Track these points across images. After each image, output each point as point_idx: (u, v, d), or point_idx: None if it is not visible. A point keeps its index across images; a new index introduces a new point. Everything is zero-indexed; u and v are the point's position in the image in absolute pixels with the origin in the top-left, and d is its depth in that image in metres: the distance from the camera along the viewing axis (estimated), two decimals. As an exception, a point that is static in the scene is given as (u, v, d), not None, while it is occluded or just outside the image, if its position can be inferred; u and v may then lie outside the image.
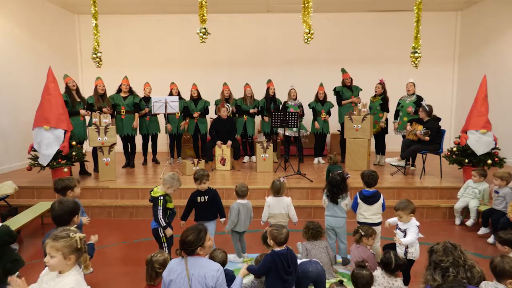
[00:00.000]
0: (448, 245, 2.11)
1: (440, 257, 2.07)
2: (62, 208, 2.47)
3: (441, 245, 2.12)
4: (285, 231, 2.53)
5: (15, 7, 7.06)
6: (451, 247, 2.08)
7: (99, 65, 5.81)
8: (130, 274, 3.45)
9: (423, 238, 4.38)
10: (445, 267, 2.03)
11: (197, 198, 3.54)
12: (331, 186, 3.56)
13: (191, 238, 2.13)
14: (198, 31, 5.24)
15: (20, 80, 7.15)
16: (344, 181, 3.57)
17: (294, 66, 9.06)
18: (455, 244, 2.12)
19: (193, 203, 3.57)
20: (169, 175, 3.32)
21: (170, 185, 3.26)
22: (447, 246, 2.10)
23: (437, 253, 2.10)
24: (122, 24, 9.10)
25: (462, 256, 2.02)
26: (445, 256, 2.05)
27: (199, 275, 2.08)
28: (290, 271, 2.47)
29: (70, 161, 5.49)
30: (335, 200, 3.53)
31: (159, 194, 3.26)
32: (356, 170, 6.21)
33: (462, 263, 2.00)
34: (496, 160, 5.34)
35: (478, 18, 8.38)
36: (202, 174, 3.53)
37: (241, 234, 3.74)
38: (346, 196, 3.59)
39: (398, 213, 3.08)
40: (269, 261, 2.46)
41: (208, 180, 3.58)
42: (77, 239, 1.86)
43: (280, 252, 2.48)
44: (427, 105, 5.98)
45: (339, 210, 3.55)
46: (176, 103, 6.38)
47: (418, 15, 5.22)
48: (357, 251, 3.09)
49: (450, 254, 2.05)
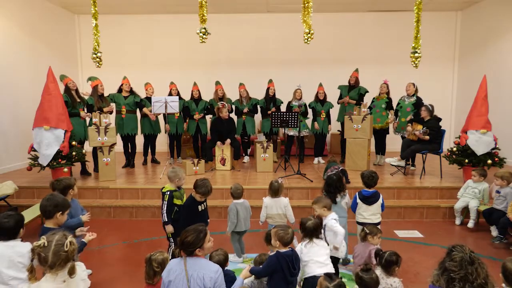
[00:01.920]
0: (467, 258, 1.97)
1: (453, 267, 1.97)
2: (50, 201, 2.58)
3: (460, 256, 1.98)
4: (290, 231, 2.52)
5: (15, 7, 7.06)
6: (468, 261, 1.96)
7: (99, 65, 5.81)
8: (130, 274, 3.45)
9: (423, 239, 4.41)
10: (453, 277, 1.96)
11: (198, 208, 3.40)
12: (328, 186, 3.55)
13: (190, 239, 2.12)
14: (198, 31, 5.24)
15: (20, 80, 7.15)
16: (340, 180, 3.55)
17: (294, 66, 9.06)
18: (474, 259, 1.97)
19: (193, 213, 3.40)
20: (169, 170, 3.52)
21: (175, 178, 3.44)
22: (464, 259, 1.97)
23: (453, 261, 1.99)
24: (122, 24, 9.10)
25: (475, 274, 1.92)
26: (458, 268, 1.96)
27: (197, 276, 2.07)
28: (295, 272, 2.46)
29: (70, 161, 5.49)
30: (334, 200, 3.50)
31: (167, 189, 3.44)
32: (356, 170, 6.22)
33: (471, 280, 1.92)
34: (496, 160, 5.34)
35: (478, 18, 8.39)
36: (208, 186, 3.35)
37: (241, 234, 3.73)
38: (345, 195, 3.57)
39: (313, 206, 3.14)
40: (274, 262, 2.44)
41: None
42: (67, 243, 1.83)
43: (286, 253, 2.46)
44: (430, 104, 5.98)
45: (339, 209, 3.51)
46: (176, 103, 6.38)
47: (418, 15, 5.23)
48: (359, 246, 3.09)
49: (464, 268, 1.94)
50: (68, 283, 1.83)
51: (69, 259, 1.83)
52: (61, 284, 1.81)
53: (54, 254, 1.78)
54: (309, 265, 2.64)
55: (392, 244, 4.13)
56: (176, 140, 7.46)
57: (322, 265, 2.62)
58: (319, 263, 2.62)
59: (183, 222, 3.36)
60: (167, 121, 6.82)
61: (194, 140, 7.59)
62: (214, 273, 2.11)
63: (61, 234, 1.87)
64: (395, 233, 4.54)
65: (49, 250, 1.78)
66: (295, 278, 2.48)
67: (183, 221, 3.37)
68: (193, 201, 3.36)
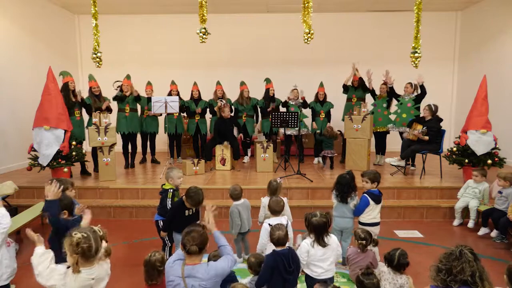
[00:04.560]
0: (456, 253, 1.98)
1: (442, 259, 2.01)
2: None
3: (451, 250, 2.00)
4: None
5: (15, 7, 7.06)
6: (457, 256, 1.96)
7: (99, 65, 5.80)
8: (130, 274, 3.44)
9: (424, 239, 4.41)
10: (440, 267, 1.99)
11: (185, 212, 3.33)
12: (340, 186, 3.46)
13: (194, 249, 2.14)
14: (198, 31, 5.24)
15: (20, 80, 7.14)
16: (353, 180, 3.49)
17: (294, 66, 9.05)
18: (463, 255, 1.96)
19: (179, 216, 3.34)
20: (166, 171, 3.65)
21: (168, 178, 3.56)
22: (453, 253, 1.98)
23: (444, 254, 2.02)
24: (122, 24, 9.10)
25: (458, 268, 1.92)
26: (445, 260, 1.98)
27: (199, 285, 2.11)
28: (291, 270, 2.46)
29: (70, 161, 5.48)
30: (345, 200, 3.45)
31: (169, 187, 3.56)
32: (356, 170, 6.21)
33: (454, 273, 1.93)
34: (496, 160, 5.34)
35: (478, 18, 8.39)
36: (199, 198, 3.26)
37: (244, 234, 3.72)
38: (355, 196, 3.51)
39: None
40: (271, 260, 2.47)
41: None
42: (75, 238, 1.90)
43: (282, 252, 2.49)
44: (434, 104, 5.98)
45: (347, 210, 3.49)
46: (176, 103, 6.38)
47: (418, 15, 5.22)
48: (362, 256, 3.07)
49: (450, 261, 1.96)
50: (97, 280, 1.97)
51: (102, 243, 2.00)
52: (91, 281, 1.93)
53: (95, 241, 1.93)
54: (310, 267, 2.65)
55: (392, 244, 4.11)
56: (176, 140, 7.46)
57: (323, 271, 2.62)
58: (321, 268, 2.62)
59: (168, 223, 3.40)
60: (167, 121, 6.83)
61: (194, 140, 7.58)
62: (213, 276, 2.15)
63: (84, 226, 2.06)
64: (395, 233, 4.54)
65: (90, 239, 1.90)
66: (292, 276, 2.48)
67: (168, 222, 3.38)
68: (182, 204, 3.32)
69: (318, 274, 2.62)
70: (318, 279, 2.60)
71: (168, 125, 6.98)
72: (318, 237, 2.61)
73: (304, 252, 2.61)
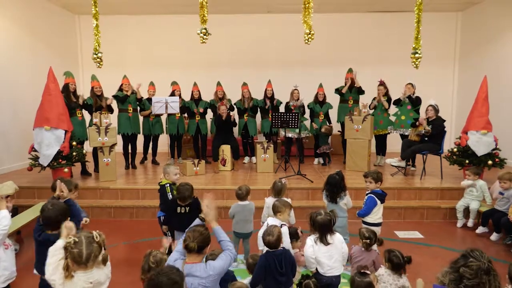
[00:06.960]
0: (484, 267, 1.90)
1: (468, 275, 1.91)
2: (53, 210, 2.46)
3: (477, 265, 1.91)
4: (277, 230, 2.53)
5: (15, 7, 7.06)
6: (485, 271, 1.90)
7: (100, 65, 5.81)
8: (130, 274, 3.43)
9: (424, 239, 4.40)
10: (466, 284, 1.91)
11: (177, 209, 3.31)
12: (330, 186, 3.51)
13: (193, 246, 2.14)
14: (199, 32, 5.24)
15: (20, 80, 7.15)
16: (342, 180, 3.53)
17: (294, 67, 9.06)
18: (490, 269, 1.90)
19: (171, 211, 3.37)
20: (164, 167, 3.77)
21: (164, 173, 3.67)
22: (481, 268, 1.90)
23: (469, 269, 1.92)
24: (123, 24, 9.10)
25: (487, 285, 1.88)
26: (473, 276, 1.90)
27: (198, 284, 2.12)
28: (283, 272, 2.46)
29: (70, 161, 5.48)
30: (335, 200, 3.50)
31: (166, 182, 3.64)
32: (357, 170, 6.22)
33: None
34: (497, 160, 5.34)
35: (478, 19, 8.38)
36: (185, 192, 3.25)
37: (244, 237, 3.68)
38: (345, 195, 3.56)
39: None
40: (263, 260, 2.49)
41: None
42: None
43: (275, 253, 2.49)
44: (435, 104, 6.00)
45: (339, 210, 3.51)
46: (177, 104, 6.39)
47: (418, 15, 5.23)
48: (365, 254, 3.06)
49: (479, 277, 1.89)
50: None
51: (101, 249, 1.93)
52: (89, 285, 1.90)
53: (87, 247, 1.85)
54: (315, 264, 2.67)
55: (392, 245, 4.09)
56: (176, 141, 7.46)
57: (329, 268, 2.63)
58: (327, 265, 2.63)
59: (167, 217, 3.49)
60: (168, 122, 6.83)
61: (195, 140, 7.58)
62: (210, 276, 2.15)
63: (85, 231, 1.95)
64: (395, 234, 4.54)
65: (81, 245, 1.85)
66: (284, 277, 2.48)
67: (167, 216, 3.48)
68: (174, 201, 3.37)
69: (324, 271, 2.64)
70: (325, 276, 2.62)
71: (169, 125, 6.99)
72: (322, 236, 2.66)
73: (309, 247, 2.64)
